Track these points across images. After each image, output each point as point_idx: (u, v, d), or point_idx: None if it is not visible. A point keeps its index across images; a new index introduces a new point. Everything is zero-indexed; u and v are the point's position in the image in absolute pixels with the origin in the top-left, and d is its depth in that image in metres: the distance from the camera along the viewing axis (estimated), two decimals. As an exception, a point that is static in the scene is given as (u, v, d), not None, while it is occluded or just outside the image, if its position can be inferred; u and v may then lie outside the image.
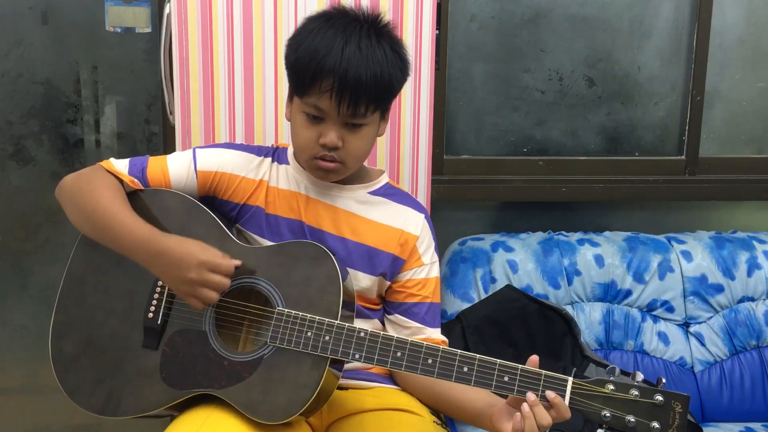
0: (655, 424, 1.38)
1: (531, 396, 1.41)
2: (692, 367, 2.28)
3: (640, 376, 1.41)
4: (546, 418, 1.40)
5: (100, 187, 1.61)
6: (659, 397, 1.38)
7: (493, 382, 1.44)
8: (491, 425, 1.52)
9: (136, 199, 1.65)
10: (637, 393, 1.39)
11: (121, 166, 1.68)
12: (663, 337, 2.28)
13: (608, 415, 1.39)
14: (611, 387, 1.40)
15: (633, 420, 1.38)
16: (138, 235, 1.54)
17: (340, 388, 1.67)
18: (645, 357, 2.26)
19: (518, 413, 1.42)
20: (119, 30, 2.44)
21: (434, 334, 1.72)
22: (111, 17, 2.43)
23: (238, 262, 1.54)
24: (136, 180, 1.66)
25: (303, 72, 1.55)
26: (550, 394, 1.41)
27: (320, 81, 1.53)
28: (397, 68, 1.59)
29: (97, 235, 1.61)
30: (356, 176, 1.72)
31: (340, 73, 1.52)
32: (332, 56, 1.52)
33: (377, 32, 1.57)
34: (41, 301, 2.55)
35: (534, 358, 1.46)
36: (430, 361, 1.47)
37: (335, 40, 1.53)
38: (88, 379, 1.61)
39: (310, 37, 1.55)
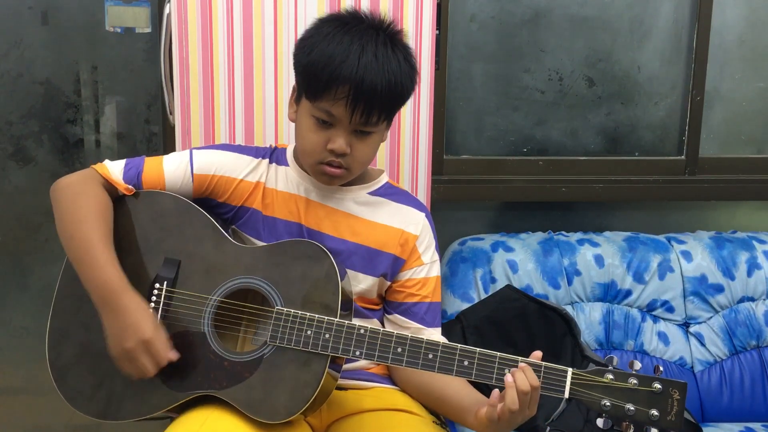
0: (654, 412, 1.39)
1: (508, 377, 1.43)
2: (692, 367, 2.28)
3: (637, 365, 1.42)
4: (525, 383, 1.41)
5: (85, 209, 1.58)
6: (657, 385, 1.40)
7: (494, 375, 1.45)
8: (474, 420, 1.53)
9: (131, 201, 1.65)
10: (635, 381, 1.41)
11: (116, 171, 1.65)
12: (663, 337, 2.28)
13: (608, 404, 1.41)
14: (610, 376, 1.42)
15: (632, 408, 1.40)
16: (107, 280, 1.52)
17: (340, 388, 1.67)
18: (645, 357, 2.27)
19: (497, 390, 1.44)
20: (119, 30, 2.44)
21: (433, 335, 1.71)
22: (111, 17, 2.43)
23: (175, 357, 1.52)
24: (131, 187, 1.65)
25: (317, 77, 1.54)
26: (522, 365, 1.43)
27: (335, 87, 1.52)
28: (409, 77, 1.59)
29: (71, 258, 1.59)
30: (356, 177, 1.72)
31: (356, 81, 1.51)
32: (349, 63, 1.51)
33: (392, 40, 1.57)
34: (41, 301, 2.54)
35: (537, 353, 1.46)
36: (430, 356, 1.47)
37: (351, 46, 1.52)
38: (86, 384, 1.60)
39: (325, 41, 1.54)
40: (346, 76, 1.51)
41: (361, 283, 1.69)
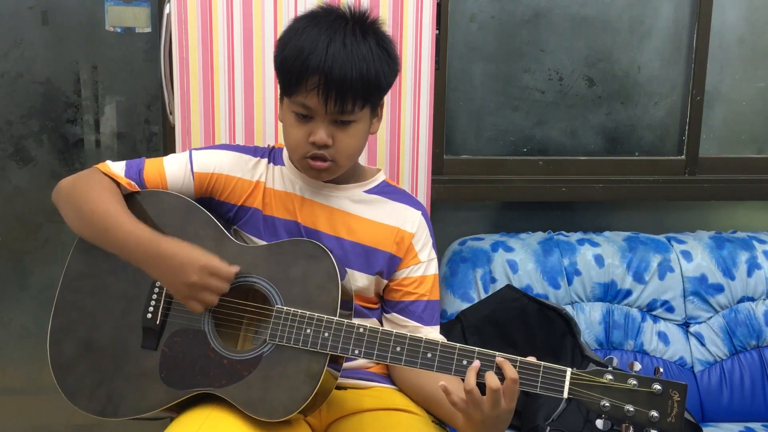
0: (654, 413, 1.38)
1: (476, 363, 1.44)
2: (692, 367, 2.28)
3: (637, 366, 1.41)
4: (494, 380, 1.41)
5: (97, 190, 1.61)
6: (657, 386, 1.39)
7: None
8: (462, 422, 1.52)
9: (133, 200, 1.65)
10: (635, 382, 1.40)
11: (117, 168, 1.67)
12: (663, 337, 2.28)
13: (607, 404, 1.40)
14: (609, 377, 1.41)
15: (632, 409, 1.39)
16: (138, 236, 1.54)
17: (339, 387, 1.67)
18: (645, 357, 2.26)
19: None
20: (119, 30, 2.44)
21: (431, 334, 1.70)
22: (111, 17, 2.43)
23: (237, 268, 1.54)
24: (132, 182, 1.66)
25: (289, 71, 1.56)
26: (498, 359, 1.43)
27: (306, 79, 1.54)
28: (384, 63, 1.59)
29: (96, 237, 1.60)
30: (351, 175, 1.72)
31: (325, 71, 1.52)
32: (317, 54, 1.52)
33: (363, 29, 1.58)
34: (41, 301, 2.54)
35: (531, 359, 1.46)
36: (429, 355, 1.47)
37: (320, 38, 1.54)
38: (87, 381, 1.61)
39: (296, 36, 1.56)
40: (315, 67, 1.52)
41: (358, 281, 1.69)
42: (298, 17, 1.62)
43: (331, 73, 1.52)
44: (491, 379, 1.41)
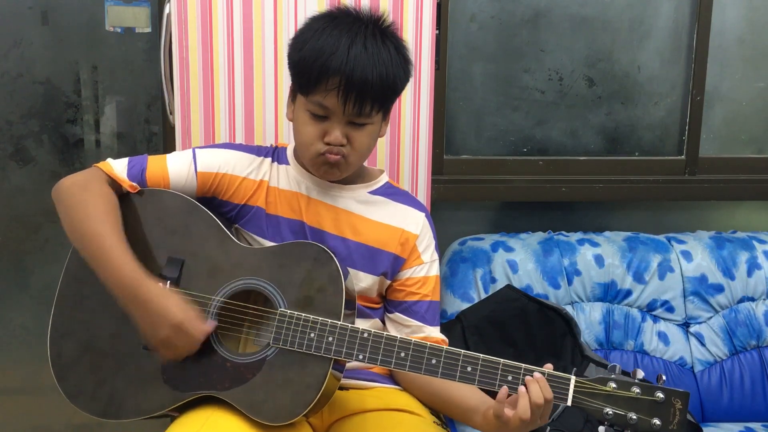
0: (656, 421, 1.39)
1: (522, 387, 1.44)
2: (692, 367, 2.28)
3: (640, 374, 1.42)
4: (538, 395, 1.41)
5: (93, 205, 1.58)
6: (660, 395, 1.39)
7: (497, 382, 1.45)
8: (482, 420, 1.53)
9: (136, 200, 1.65)
10: (638, 390, 1.40)
11: (119, 168, 1.66)
12: (663, 337, 2.28)
13: (610, 412, 1.40)
14: (613, 385, 1.41)
15: (635, 417, 1.39)
16: (123, 275, 1.52)
17: (341, 388, 1.67)
18: (645, 357, 2.27)
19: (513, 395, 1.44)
20: (119, 30, 2.44)
21: (434, 333, 1.72)
22: (111, 17, 2.43)
23: (211, 327, 1.53)
24: (135, 184, 1.65)
25: (308, 71, 1.56)
26: (536, 374, 1.43)
27: (326, 80, 1.54)
28: (401, 69, 1.60)
29: (84, 255, 1.58)
30: (356, 176, 1.73)
31: (346, 73, 1.53)
32: (338, 55, 1.53)
33: (382, 33, 1.59)
34: (41, 301, 2.54)
35: (549, 366, 1.46)
36: (434, 361, 1.47)
37: (341, 39, 1.54)
38: (88, 382, 1.60)
39: (315, 36, 1.56)
40: (336, 68, 1.53)
41: (362, 281, 1.69)
42: (314, 17, 1.63)
43: (353, 75, 1.53)
44: (537, 395, 1.41)
